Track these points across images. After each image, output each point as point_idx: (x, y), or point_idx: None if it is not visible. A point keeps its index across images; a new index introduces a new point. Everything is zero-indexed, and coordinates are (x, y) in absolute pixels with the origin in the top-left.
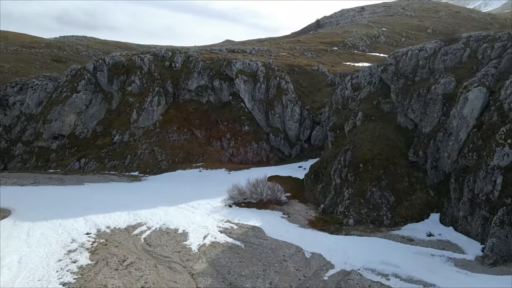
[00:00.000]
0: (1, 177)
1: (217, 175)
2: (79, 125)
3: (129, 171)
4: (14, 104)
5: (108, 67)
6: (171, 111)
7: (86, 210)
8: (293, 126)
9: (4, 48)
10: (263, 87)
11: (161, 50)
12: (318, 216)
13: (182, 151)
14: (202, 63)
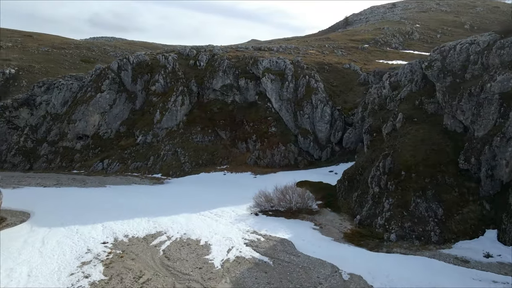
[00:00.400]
0: (27, 177)
1: (242, 179)
2: (103, 125)
3: (151, 173)
4: (40, 104)
5: (132, 66)
6: (195, 111)
7: (105, 215)
8: (323, 127)
9: (36, 49)
10: (292, 86)
11: (185, 49)
12: (354, 228)
13: (206, 153)
14: (227, 61)
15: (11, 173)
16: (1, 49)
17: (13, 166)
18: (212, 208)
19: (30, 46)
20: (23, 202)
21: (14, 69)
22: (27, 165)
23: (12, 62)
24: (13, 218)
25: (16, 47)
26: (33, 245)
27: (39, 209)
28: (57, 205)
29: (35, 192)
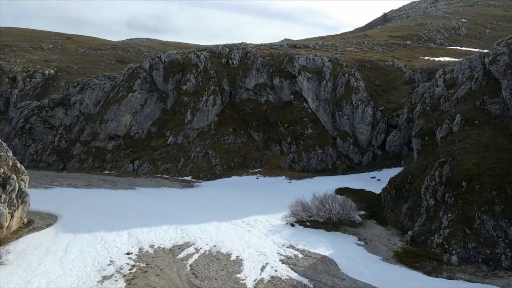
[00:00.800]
0: (60, 177)
1: (276, 184)
2: (134, 125)
3: (181, 175)
4: (74, 103)
5: (164, 65)
6: (227, 112)
7: (132, 221)
8: (364, 129)
9: (74, 50)
10: (330, 85)
11: (217, 47)
12: (405, 246)
13: (238, 155)
14: (261, 59)
15: (46, 172)
16: (43, 51)
17: (48, 165)
18: (244, 216)
19: (69, 47)
20: (52, 203)
21: (53, 70)
22: (61, 164)
23: (51, 63)
24: (40, 222)
25: (56, 49)
26: (55, 254)
27: (67, 212)
28: (85, 208)
29: (65, 193)
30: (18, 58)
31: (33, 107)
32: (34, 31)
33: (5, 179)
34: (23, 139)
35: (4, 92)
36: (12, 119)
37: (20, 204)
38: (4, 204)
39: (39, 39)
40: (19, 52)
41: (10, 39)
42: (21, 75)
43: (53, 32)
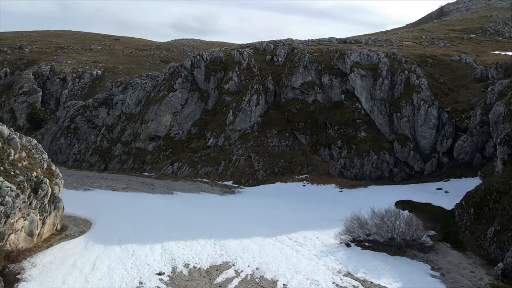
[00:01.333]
0: (100, 178)
1: (325, 193)
2: (174, 126)
3: (222, 179)
4: (116, 103)
5: (205, 64)
6: (271, 112)
7: (167, 232)
8: (427, 133)
9: (121, 51)
10: (386, 83)
11: (262, 44)
12: (496, 283)
13: (283, 160)
14: (308, 55)
15: (88, 172)
16: (92, 52)
17: (90, 165)
18: (290, 231)
19: (117, 48)
20: (89, 207)
21: (101, 70)
22: (103, 165)
23: (99, 64)
24: (74, 228)
25: (104, 50)
26: (82, 271)
27: (102, 217)
28: (120, 213)
29: (103, 196)
30: (69, 59)
31: (78, 107)
32: (86, 34)
33: (38, 184)
34: (68, 139)
35: (55, 92)
36: (59, 119)
37: (52, 210)
38: (35, 210)
39: (90, 41)
40: (70, 54)
41: (63, 41)
42: (71, 76)
43: (102, 34)
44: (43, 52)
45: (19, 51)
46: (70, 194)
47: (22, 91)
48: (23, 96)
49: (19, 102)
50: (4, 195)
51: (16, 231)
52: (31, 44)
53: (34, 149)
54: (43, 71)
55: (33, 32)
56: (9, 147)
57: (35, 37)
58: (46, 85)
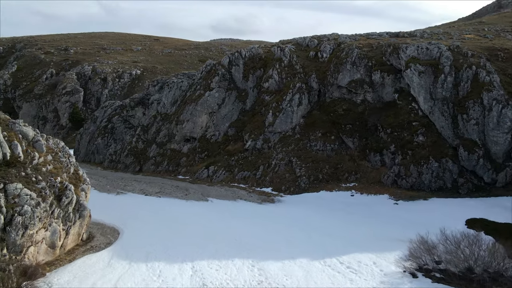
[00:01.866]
0: (134, 180)
1: (378, 205)
2: (210, 127)
3: (260, 185)
4: (152, 103)
5: (244, 61)
6: (314, 113)
7: (199, 247)
8: (500, 138)
9: (160, 51)
10: (450, 81)
11: (305, 39)
12: None
13: (328, 166)
14: (357, 51)
15: (123, 174)
16: (132, 52)
17: (125, 167)
18: (341, 252)
19: (156, 48)
20: (119, 213)
21: (140, 70)
22: (137, 166)
23: (139, 64)
24: (100, 238)
25: (144, 50)
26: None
27: (130, 227)
28: (150, 223)
29: (135, 201)
30: (110, 59)
31: (115, 107)
32: (127, 35)
33: (62, 190)
34: (105, 139)
35: (96, 92)
36: (96, 119)
37: (77, 219)
38: (58, 220)
39: (131, 41)
40: (112, 54)
41: (105, 42)
42: (111, 76)
43: (143, 35)
44: (87, 53)
45: (64, 52)
46: (102, 198)
47: (65, 91)
48: (66, 96)
49: (62, 102)
50: (23, 204)
51: (36, 243)
52: (76, 45)
53: (61, 151)
54: (85, 72)
55: (79, 34)
56: (33, 150)
57: (80, 39)
58: (88, 85)
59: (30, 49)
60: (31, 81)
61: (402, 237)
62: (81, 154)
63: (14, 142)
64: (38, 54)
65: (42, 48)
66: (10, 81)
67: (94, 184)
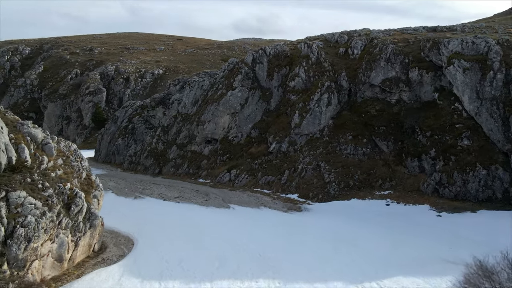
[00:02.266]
0: (153, 183)
1: (417, 217)
2: (232, 128)
3: (285, 191)
4: (173, 103)
5: (268, 59)
6: (344, 114)
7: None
8: None
9: (183, 51)
10: (500, 78)
11: (334, 35)
12: None
13: (360, 171)
14: (392, 46)
15: (142, 176)
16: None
17: (145, 168)
18: (381, 275)
19: (179, 48)
20: (135, 220)
21: (162, 70)
22: (157, 168)
23: (161, 63)
24: (113, 250)
25: (167, 50)
26: None
27: (146, 236)
28: (167, 232)
29: (152, 206)
30: (133, 59)
31: (136, 107)
32: (150, 35)
33: (71, 198)
34: (126, 139)
35: (118, 92)
36: (117, 119)
37: (88, 229)
38: (66, 230)
39: (154, 41)
40: (135, 54)
41: (129, 42)
42: (134, 76)
43: (166, 35)
44: (111, 53)
45: (89, 52)
46: (119, 202)
47: (88, 91)
48: (89, 96)
49: (86, 102)
50: (26, 214)
51: (42, 256)
52: (101, 45)
53: (72, 155)
54: (108, 71)
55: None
56: (42, 153)
57: (105, 39)
58: (111, 84)
59: (56, 49)
60: (56, 81)
61: (451, 258)
62: (102, 154)
63: (21, 145)
64: (64, 54)
65: (68, 48)
66: (37, 81)
67: (112, 187)
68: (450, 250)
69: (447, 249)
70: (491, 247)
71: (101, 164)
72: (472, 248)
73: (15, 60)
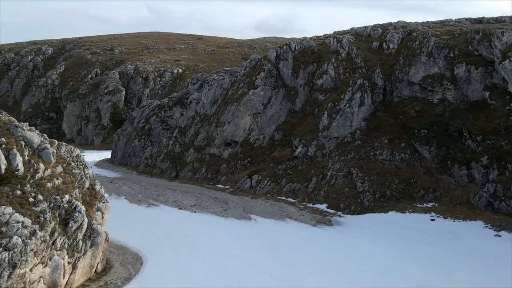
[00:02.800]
0: (169, 188)
1: (470, 237)
2: (254, 129)
3: (313, 201)
4: (190, 103)
5: (293, 55)
6: (379, 115)
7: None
8: None
9: (203, 49)
10: None
11: (366, 28)
12: None
13: (398, 180)
14: (434, 39)
15: (158, 180)
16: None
17: (161, 172)
18: None
19: (199, 47)
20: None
21: (181, 69)
22: (174, 172)
23: (181, 62)
24: (118, 270)
25: (187, 49)
26: None
27: (156, 255)
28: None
29: (166, 217)
30: (153, 58)
31: (153, 107)
32: (171, 34)
33: (69, 212)
34: (142, 141)
35: (137, 92)
36: (134, 119)
37: (88, 248)
38: (61, 251)
39: (174, 40)
40: (155, 53)
41: (149, 41)
42: (153, 75)
43: (187, 34)
44: (131, 52)
45: (110, 52)
46: (131, 210)
47: (107, 90)
48: (108, 96)
49: (104, 102)
50: (12, 235)
51: (31, 283)
52: (121, 45)
53: (74, 161)
54: (127, 71)
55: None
56: (38, 160)
57: (126, 39)
58: (130, 84)
59: (78, 49)
60: (77, 81)
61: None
62: (118, 156)
63: (13, 151)
64: (85, 54)
65: (89, 48)
66: (58, 81)
67: (125, 192)
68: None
69: (504, 274)
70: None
71: (117, 166)
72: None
73: (38, 60)
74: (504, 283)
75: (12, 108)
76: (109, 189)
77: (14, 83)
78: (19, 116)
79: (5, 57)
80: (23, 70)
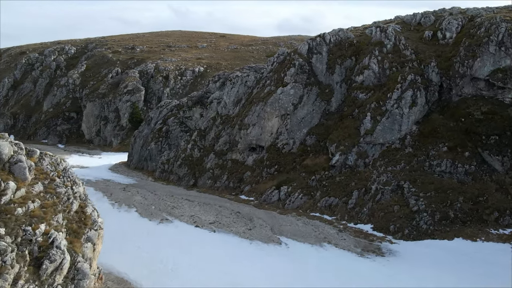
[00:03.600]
0: (185, 199)
1: None
2: (283, 133)
3: (354, 220)
4: (211, 102)
5: (328, 48)
6: (435, 117)
7: None
8: None
9: (226, 47)
10: None
11: (415, 16)
12: None
13: (462, 198)
14: (506, 25)
15: (174, 188)
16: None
17: (178, 179)
18: None
19: (222, 45)
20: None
21: (203, 67)
22: (192, 180)
23: (202, 60)
24: None
25: (210, 47)
26: None
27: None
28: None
29: (179, 238)
30: (174, 57)
31: (172, 107)
32: (193, 32)
33: (44, 249)
34: (159, 144)
35: (157, 91)
36: (151, 120)
37: None
38: None
39: (196, 39)
40: (176, 52)
41: (171, 40)
42: (173, 74)
43: (209, 32)
44: (152, 51)
45: (131, 51)
46: (140, 227)
47: (127, 89)
48: (127, 95)
49: (123, 101)
50: None
51: None
52: (143, 44)
53: (61, 177)
54: (148, 70)
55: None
56: (8, 177)
57: (147, 38)
58: (150, 83)
59: (100, 48)
60: (97, 80)
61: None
62: (134, 160)
63: None
64: (106, 53)
65: (111, 47)
66: (79, 80)
67: (137, 202)
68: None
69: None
70: None
71: (132, 171)
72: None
73: (60, 60)
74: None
75: (34, 108)
76: (120, 199)
77: (37, 83)
78: (41, 116)
79: (29, 57)
80: (46, 70)
